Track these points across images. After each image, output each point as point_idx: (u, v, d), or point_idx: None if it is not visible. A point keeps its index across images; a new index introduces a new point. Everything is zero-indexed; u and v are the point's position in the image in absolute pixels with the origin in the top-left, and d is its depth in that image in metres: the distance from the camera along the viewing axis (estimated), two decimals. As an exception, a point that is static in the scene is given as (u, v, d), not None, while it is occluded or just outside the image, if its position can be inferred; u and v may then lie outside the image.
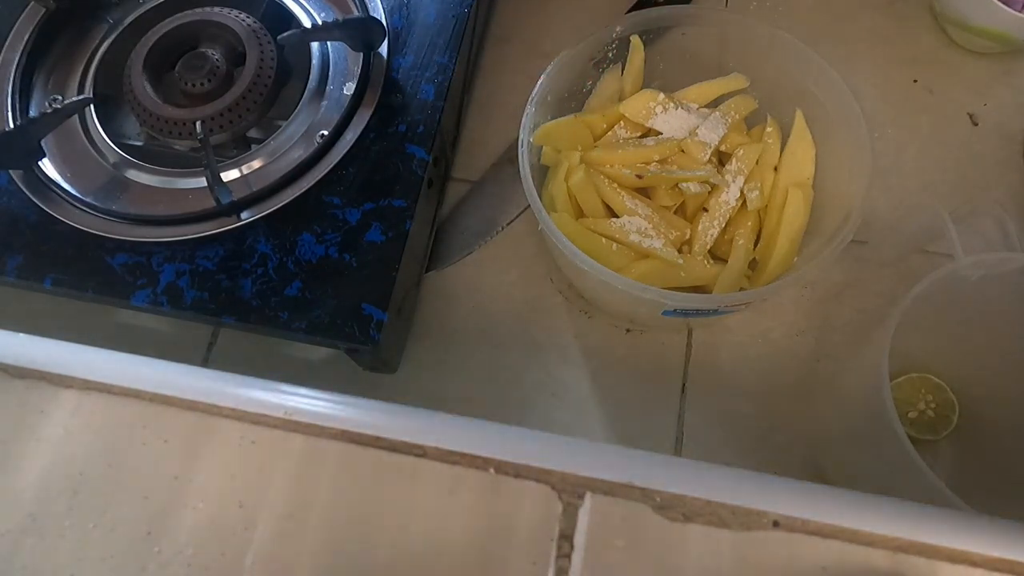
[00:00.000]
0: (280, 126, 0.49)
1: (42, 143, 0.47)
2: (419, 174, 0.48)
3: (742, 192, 0.49)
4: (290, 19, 0.53)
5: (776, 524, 0.26)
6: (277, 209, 0.46)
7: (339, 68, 0.51)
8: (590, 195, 0.49)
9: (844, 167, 0.47)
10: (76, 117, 0.49)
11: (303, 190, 0.46)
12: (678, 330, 0.53)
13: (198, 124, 0.46)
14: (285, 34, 0.48)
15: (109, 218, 0.46)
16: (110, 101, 0.51)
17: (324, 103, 0.50)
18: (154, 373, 0.29)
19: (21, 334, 0.30)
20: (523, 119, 0.47)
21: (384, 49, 0.51)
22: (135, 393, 0.28)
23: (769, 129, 0.51)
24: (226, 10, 0.50)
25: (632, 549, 0.26)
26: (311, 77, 0.50)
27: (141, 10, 0.54)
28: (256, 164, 0.48)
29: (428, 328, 0.54)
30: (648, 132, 0.51)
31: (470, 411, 0.29)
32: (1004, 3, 0.55)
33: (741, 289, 0.48)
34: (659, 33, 0.52)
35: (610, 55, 0.52)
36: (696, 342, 0.53)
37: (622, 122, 0.51)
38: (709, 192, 0.49)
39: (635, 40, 0.51)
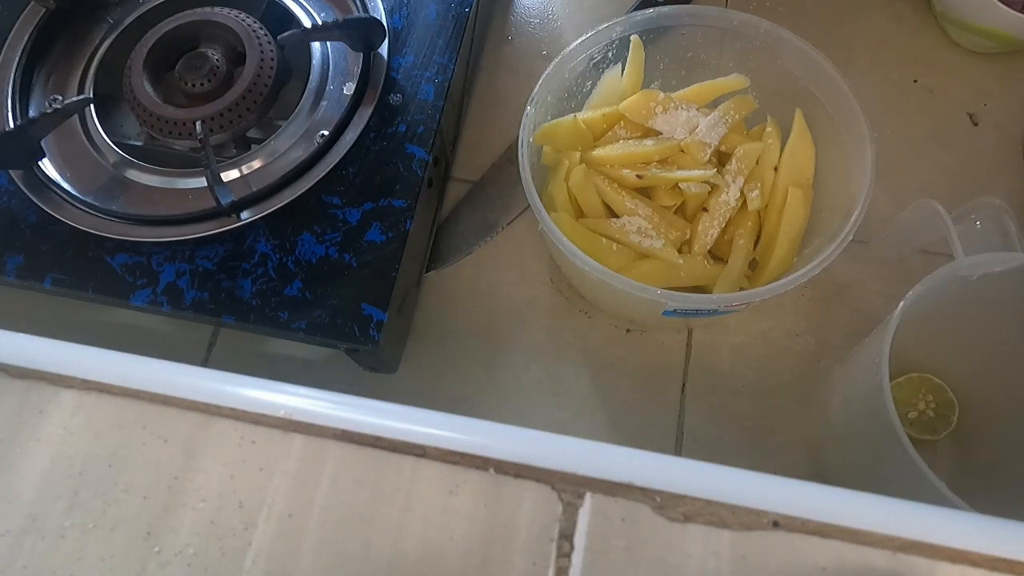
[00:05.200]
0: (280, 126, 0.49)
1: (42, 143, 0.47)
2: (419, 174, 0.48)
3: (742, 192, 0.49)
4: (290, 19, 0.53)
5: (776, 524, 0.26)
6: (277, 209, 0.46)
7: (339, 68, 0.51)
8: (590, 195, 0.49)
9: (844, 167, 0.47)
10: (76, 117, 0.49)
11: (303, 190, 0.46)
12: (678, 330, 0.53)
13: (198, 124, 0.46)
14: (285, 34, 0.48)
15: (109, 218, 0.46)
16: (110, 101, 0.51)
17: (324, 103, 0.50)
18: (154, 373, 0.29)
19: (21, 334, 0.30)
20: (523, 119, 0.47)
21: (384, 49, 0.51)
22: (135, 393, 0.28)
23: (769, 129, 0.51)
24: (226, 10, 0.50)
25: (632, 549, 0.26)
26: (311, 77, 0.50)
27: (141, 10, 0.54)
28: (256, 164, 0.48)
29: (428, 328, 0.54)
30: (648, 132, 0.51)
31: (470, 411, 0.29)
32: (1004, 3, 0.55)
33: (741, 289, 0.48)
34: (659, 33, 0.52)
35: (610, 55, 0.52)
36: (696, 342, 0.53)
37: (622, 122, 0.51)
38: (709, 192, 0.49)
39: (635, 40, 0.51)
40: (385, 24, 0.51)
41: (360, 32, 0.49)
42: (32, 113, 0.50)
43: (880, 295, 0.53)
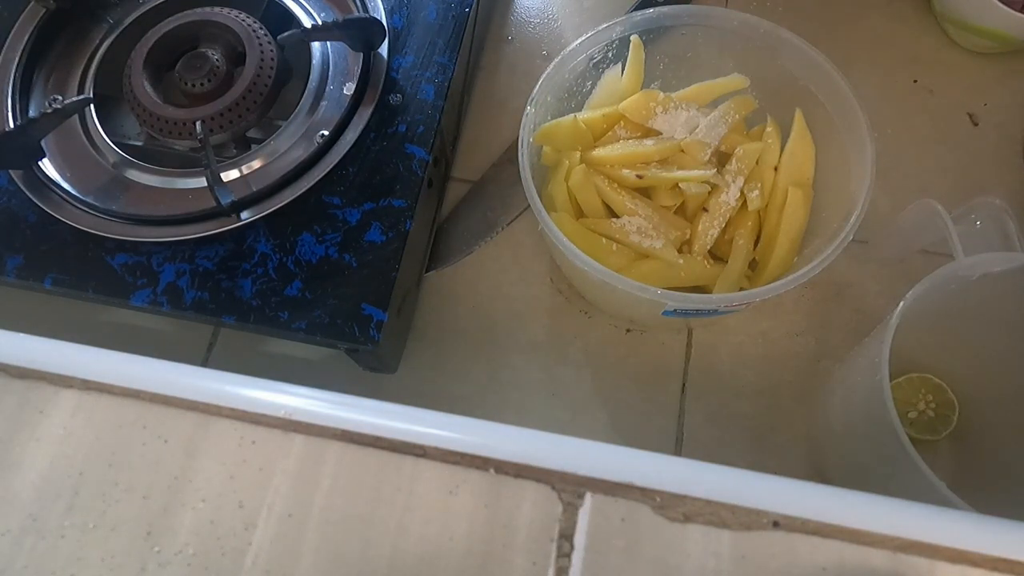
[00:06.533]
0: (280, 126, 0.49)
1: (42, 143, 0.47)
2: (419, 174, 0.48)
3: (742, 192, 0.49)
4: (290, 19, 0.53)
5: (776, 524, 0.26)
6: (277, 209, 0.46)
7: (339, 68, 0.51)
8: (590, 195, 0.49)
9: (844, 167, 0.47)
10: (76, 117, 0.49)
11: (303, 190, 0.46)
12: (678, 330, 0.53)
13: (198, 124, 0.46)
14: (285, 34, 0.48)
15: (109, 218, 0.46)
16: (110, 101, 0.51)
17: (324, 103, 0.50)
18: (154, 373, 0.29)
19: (21, 334, 0.30)
20: (523, 119, 0.47)
21: (384, 49, 0.51)
22: (135, 393, 0.28)
23: (769, 129, 0.51)
24: (226, 10, 0.50)
25: (632, 549, 0.26)
26: (311, 77, 0.50)
27: (141, 10, 0.54)
28: (256, 164, 0.48)
29: (428, 328, 0.54)
30: (648, 132, 0.51)
31: (470, 411, 0.29)
32: (1004, 3, 0.55)
33: (741, 289, 0.48)
34: (659, 33, 0.52)
35: (610, 55, 0.52)
36: (696, 342, 0.53)
37: (622, 122, 0.51)
38: (709, 192, 0.49)
39: (635, 40, 0.51)
40: (385, 24, 0.51)
41: (360, 32, 0.49)
42: (32, 113, 0.50)
43: (880, 295, 0.53)
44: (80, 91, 0.51)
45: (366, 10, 0.52)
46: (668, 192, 0.49)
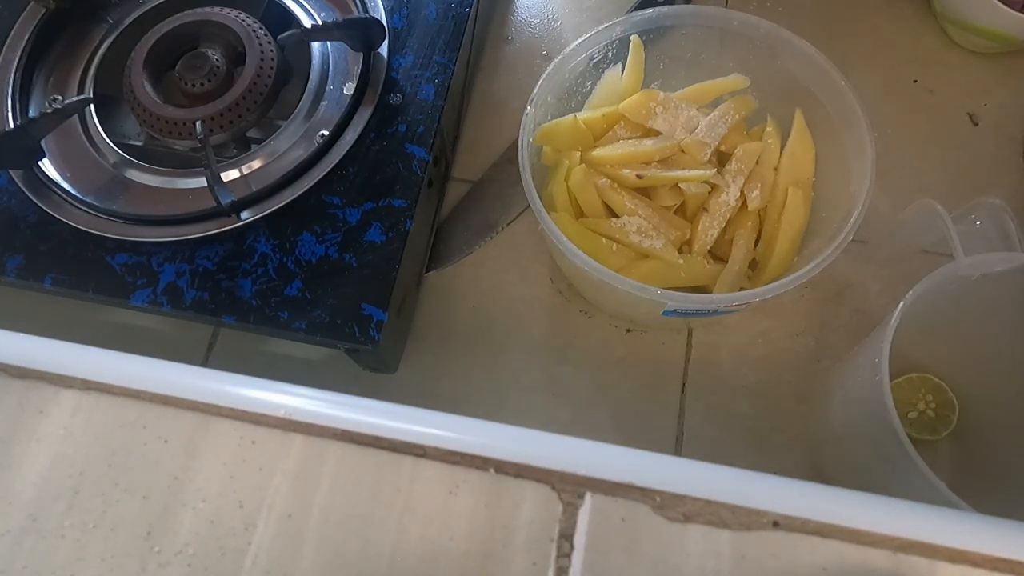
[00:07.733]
0: (280, 126, 0.49)
1: (42, 143, 0.47)
2: (419, 174, 0.48)
3: (742, 192, 0.49)
4: (290, 19, 0.53)
5: (776, 524, 0.26)
6: (277, 209, 0.46)
7: (339, 68, 0.51)
8: (590, 195, 0.49)
9: (844, 167, 0.47)
10: (76, 117, 0.49)
11: (303, 190, 0.46)
12: (678, 330, 0.53)
13: (198, 124, 0.46)
14: (285, 34, 0.48)
15: (109, 218, 0.46)
16: (110, 101, 0.51)
17: (324, 103, 0.50)
18: (154, 373, 0.29)
19: (21, 334, 0.30)
20: (523, 119, 0.47)
21: (384, 49, 0.51)
22: (135, 393, 0.28)
23: (769, 129, 0.51)
24: (226, 10, 0.50)
25: (632, 549, 0.26)
26: (311, 77, 0.50)
27: (141, 10, 0.54)
28: (256, 164, 0.48)
29: (428, 328, 0.54)
30: (648, 132, 0.51)
31: (470, 411, 0.29)
32: (1004, 3, 0.55)
33: (741, 289, 0.48)
34: (659, 33, 0.52)
35: (610, 55, 0.52)
36: (696, 342, 0.53)
37: (622, 122, 0.51)
38: (709, 192, 0.49)
39: (635, 40, 0.51)
40: (385, 24, 0.51)
41: (360, 32, 0.49)
42: (32, 113, 0.50)
43: (880, 295, 0.53)
44: (80, 91, 0.51)
45: (366, 10, 0.52)
46: (668, 192, 0.49)
